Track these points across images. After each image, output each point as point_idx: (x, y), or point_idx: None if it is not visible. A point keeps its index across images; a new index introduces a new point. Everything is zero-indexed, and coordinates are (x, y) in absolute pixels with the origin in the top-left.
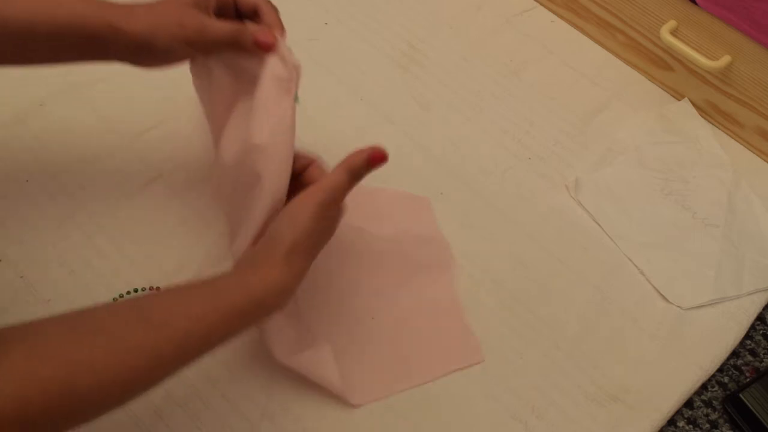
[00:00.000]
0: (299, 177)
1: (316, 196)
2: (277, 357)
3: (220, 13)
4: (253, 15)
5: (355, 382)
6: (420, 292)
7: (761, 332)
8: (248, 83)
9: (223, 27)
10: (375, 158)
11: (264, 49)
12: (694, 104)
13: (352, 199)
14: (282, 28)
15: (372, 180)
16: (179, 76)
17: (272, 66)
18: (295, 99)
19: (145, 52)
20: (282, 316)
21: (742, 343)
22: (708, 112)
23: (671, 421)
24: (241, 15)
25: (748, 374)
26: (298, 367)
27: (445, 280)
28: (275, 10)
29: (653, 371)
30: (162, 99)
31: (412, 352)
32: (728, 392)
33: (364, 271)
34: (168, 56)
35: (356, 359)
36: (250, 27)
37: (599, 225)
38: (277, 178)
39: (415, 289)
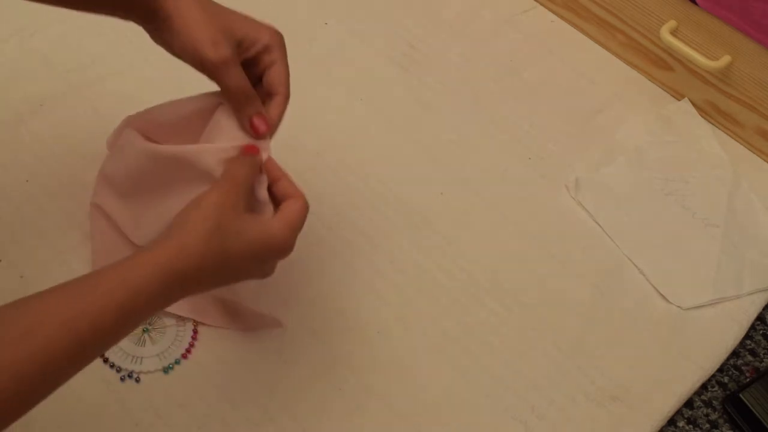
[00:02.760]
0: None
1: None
2: None
3: (244, 59)
4: (267, 86)
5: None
6: None
7: (761, 332)
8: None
9: (240, 82)
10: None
11: (254, 132)
12: (694, 104)
13: None
14: (276, 126)
15: (373, 180)
16: (181, 76)
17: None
18: None
19: (165, 35)
20: None
21: (742, 343)
22: (708, 112)
23: (671, 421)
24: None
25: (748, 374)
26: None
27: None
28: (286, 103)
29: (653, 371)
30: (162, 100)
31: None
32: (728, 392)
33: None
34: (176, 52)
35: None
36: (255, 104)
37: (599, 225)
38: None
39: None
